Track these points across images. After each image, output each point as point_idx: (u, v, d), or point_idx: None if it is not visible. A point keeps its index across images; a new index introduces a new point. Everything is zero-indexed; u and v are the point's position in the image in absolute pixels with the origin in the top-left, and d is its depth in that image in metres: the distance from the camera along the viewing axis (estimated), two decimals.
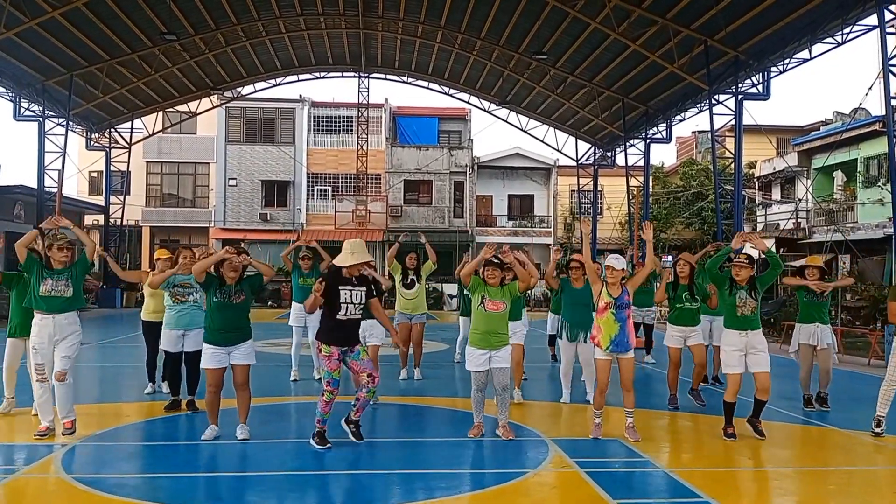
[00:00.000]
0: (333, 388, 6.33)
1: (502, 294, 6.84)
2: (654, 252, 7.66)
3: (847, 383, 10.73)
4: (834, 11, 16.56)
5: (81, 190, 34.68)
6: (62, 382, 6.58)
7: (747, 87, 20.35)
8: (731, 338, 7.03)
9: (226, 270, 6.61)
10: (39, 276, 6.64)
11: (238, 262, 6.61)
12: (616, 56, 22.46)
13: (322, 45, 27.17)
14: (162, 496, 5.13)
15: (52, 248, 6.74)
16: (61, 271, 6.70)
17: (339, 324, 6.36)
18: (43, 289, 6.61)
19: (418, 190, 36.19)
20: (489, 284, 6.83)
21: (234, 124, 35.73)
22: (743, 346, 6.95)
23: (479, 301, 6.79)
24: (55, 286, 6.63)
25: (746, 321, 6.97)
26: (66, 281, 6.69)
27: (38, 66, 22.55)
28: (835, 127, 27.53)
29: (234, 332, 6.59)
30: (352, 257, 6.43)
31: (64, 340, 6.63)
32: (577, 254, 9.32)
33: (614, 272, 6.96)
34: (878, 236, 23.05)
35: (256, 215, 35.41)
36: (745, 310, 6.97)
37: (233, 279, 6.63)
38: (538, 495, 5.41)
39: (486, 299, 6.77)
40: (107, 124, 29.12)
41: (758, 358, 6.93)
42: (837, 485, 5.70)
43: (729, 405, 7.01)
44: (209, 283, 6.57)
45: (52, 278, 6.65)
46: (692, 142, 40.45)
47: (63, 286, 6.67)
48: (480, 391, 6.91)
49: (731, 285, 7.10)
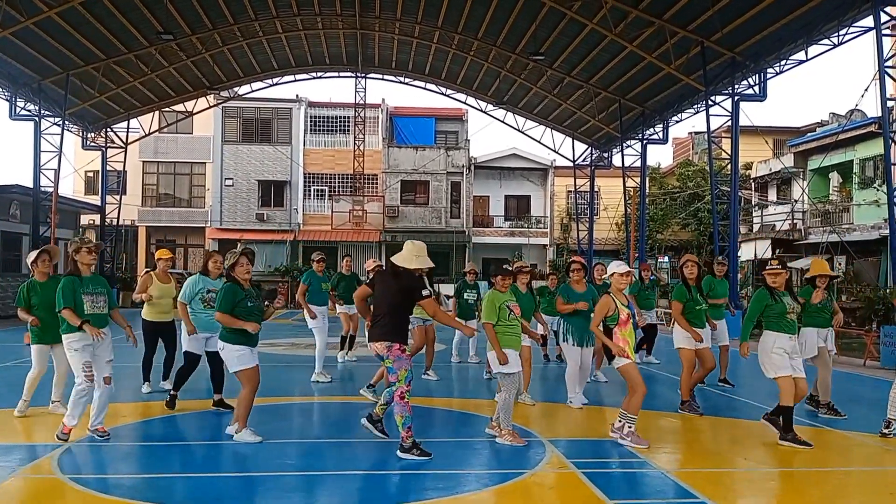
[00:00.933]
0: (409, 387, 6.21)
1: (512, 297, 7.02)
2: (650, 252, 7.68)
3: (843, 384, 10.75)
4: (830, 13, 16.60)
5: (77, 190, 34.64)
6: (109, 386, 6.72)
7: (744, 88, 20.40)
8: (782, 341, 6.94)
9: (239, 274, 6.63)
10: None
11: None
12: (613, 57, 22.49)
13: (319, 44, 27.15)
14: (159, 496, 5.11)
15: (80, 252, 6.62)
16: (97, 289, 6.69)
17: (407, 323, 6.43)
18: (87, 307, 6.55)
19: (415, 190, 36.20)
20: (503, 292, 6.92)
21: (231, 124, 35.70)
22: (791, 349, 6.96)
23: (508, 311, 6.81)
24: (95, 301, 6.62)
25: (793, 326, 7.00)
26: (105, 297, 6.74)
27: (34, 66, 22.49)
28: (831, 128, 27.61)
29: (258, 335, 6.71)
30: (416, 260, 6.30)
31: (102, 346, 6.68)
32: (578, 255, 9.33)
33: (623, 278, 6.93)
34: (874, 237, 23.12)
35: (253, 215, 35.38)
36: (794, 315, 7.01)
37: (247, 282, 6.69)
38: (536, 496, 5.41)
39: (511, 305, 6.86)
40: (103, 124, 29.04)
41: (796, 362, 6.97)
42: (835, 486, 5.72)
43: (788, 409, 6.82)
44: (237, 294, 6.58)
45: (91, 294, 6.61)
46: (689, 143, 40.53)
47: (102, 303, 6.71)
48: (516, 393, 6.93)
49: (773, 294, 7.06)
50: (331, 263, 16.35)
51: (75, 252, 6.61)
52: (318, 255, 10.66)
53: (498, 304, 6.81)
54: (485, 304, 6.89)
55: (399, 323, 6.25)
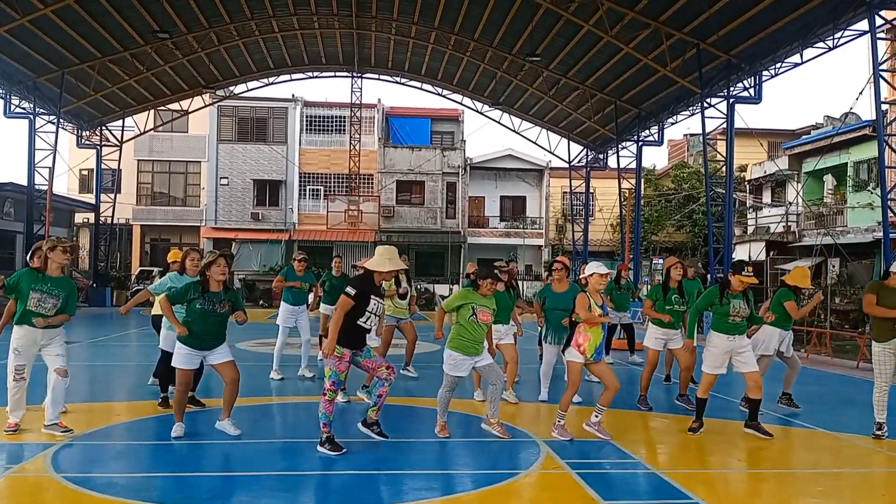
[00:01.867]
0: (337, 389, 6.33)
1: (490, 303, 6.91)
2: (645, 253, 7.73)
3: (836, 386, 10.81)
4: (825, 16, 16.66)
5: (72, 188, 34.54)
6: (64, 378, 6.65)
7: (739, 90, 20.45)
8: (720, 341, 7.18)
9: (214, 274, 6.58)
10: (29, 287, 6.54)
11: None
12: (609, 59, 22.54)
13: (315, 44, 27.14)
14: (152, 495, 5.10)
15: (54, 250, 6.59)
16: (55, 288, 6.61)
17: (358, 329, 6.32)
18: (31, 303, 6.50)
19: (410, 190, 36.21)
20: (484, 295, 6.87)
21: (226, 123, 35.65)
22: (730, 349, 7.14)
23: (471, 312, 6.79)
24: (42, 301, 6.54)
25: (736, 327, 7.15)
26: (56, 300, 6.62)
27: (29, 63, 22.43)
28: (825, 131, 27.70)
29: (212, 339, 6.62)
30: (389, 263, 6.39)
31: (52, 343, 6.65)
32: (561, 256, 9.39)
33: (603, 279, 7.07)
34: (868, 240, 23.20)
35: (248, 214, 35.34)
36: (737, 318, 7.13)
37: (219, 285, 6.62)
38: (529, 496, 5.43)
39: (477, 309, 6.78)
40: (98, 122, 28.97)
41: (744, 357, 7.14)
42: (826, 487, 5.74)
43: (702, 401, 7.28)
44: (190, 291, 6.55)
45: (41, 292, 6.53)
46: (684, 144, 40.61)
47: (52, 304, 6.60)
48: (451, 391, 6.96)
49: (722, 294, 7.22)
50: (326, 263, 16.30)
51: (50, 249, 6.61)
52: (300, 254, 10.62)
53: (465, 302, 6.81)
54: (453, 294, 6.92)
55: (343, 326, 6.25)
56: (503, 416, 7.24)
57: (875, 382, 7.23)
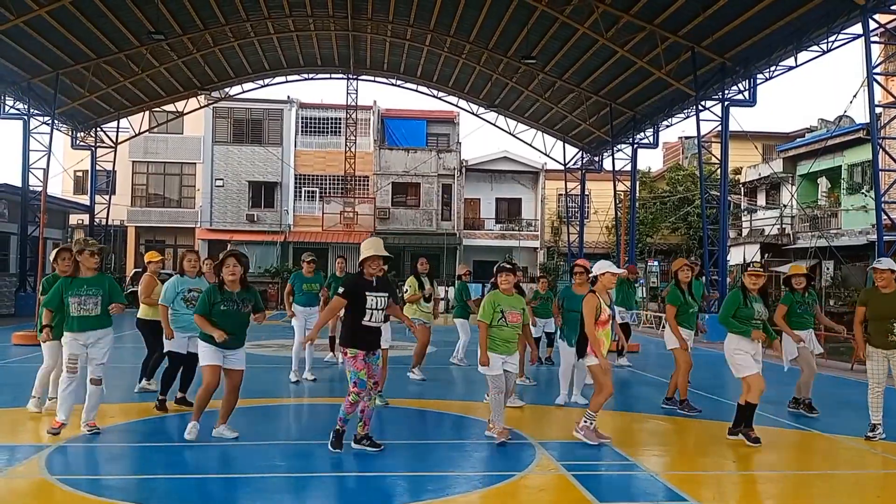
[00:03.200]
0: (360, 390, 6.17)
1: (517, 303, 6.90)
2: (640, 256, 7.73)
3: (831, 388, 10.84)
4: (819, 20, 16.73)
5: (66, 189, 34.45)
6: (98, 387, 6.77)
7: (734, 93, 20.51)
8: (744, 344, 7.09)
9: (225, 275, 6.60)
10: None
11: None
12: (604, 61, 22.59)
13: (311, 46, 27.13)
14: (147, 498, 5.09)
15: (83, 254, 6.68)
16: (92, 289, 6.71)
17: (367, 329, 6.26)
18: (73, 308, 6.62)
19: (406, 192, 36.21)
20: (505, 293, 6.85)
21: (222, 124, 35.58)
22: (753, 350, 7.09)
23: (500, 315, 6.75)
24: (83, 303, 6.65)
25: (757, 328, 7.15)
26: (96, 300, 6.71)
27: (23, 64, 22.37)
28: (819, 134, 27.81)
29: (234, 339, 6.61)
30: (371, 250, 6.40)
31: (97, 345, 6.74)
32: (581, 259, 9.38)
33: (615, 277, 7.03)
34: (862, 242, 23.30)
35: (243, 216, 35.28)
36: (759, 322, 7.16)
37: (235, 284, 6.63)
38: (525, 498, 5.42)
39: (506, 312, 6.77)
40: (93, 123, 28.91)
41: (758, 361, 7.12)
42: (822, 489, 5.76)
43: (753, 407, 7.01)
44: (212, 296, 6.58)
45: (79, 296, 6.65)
46: (678, 147, 40.71)
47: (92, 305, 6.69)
48: (502, 392, 6.83)
49: (745, 298, 7.20)
50: (321, 265, 16.29)
51: (78, 253, 6.72)
52: (308, 255, 10.69)
53: (496, 307, 6.79)
54: (485, 303, 6.90)
55: (350, 329, 6.26)
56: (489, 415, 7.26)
57: (868, 384, 7.28)
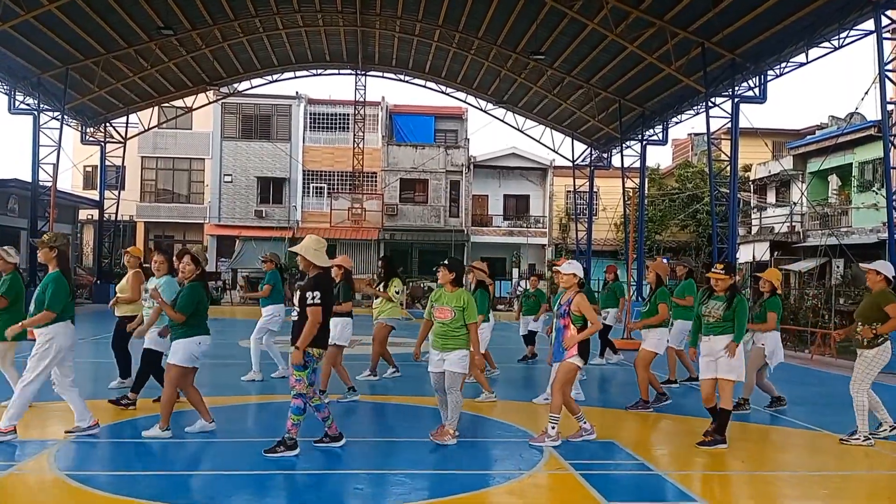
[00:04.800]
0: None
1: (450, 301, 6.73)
2: (649, 255, 7.68)
3: (840, 387, 10.75)
4: (831, 16, 16.59)
5: (76, 184, 34.60)
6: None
7: (744, 90, 20.38)
8: (701, 346, 7.04)
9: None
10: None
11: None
12: (613, 57, 22.48)
13: (319, 42, 27.11)
14: (154, 493, 5.09)
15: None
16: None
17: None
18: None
19: (414, 189, 36.17)
20: (447, 289, 6.78)
21: (230, 120, 35.65)
22: (707, 351, 6.95)
23: (430, 308, 6.82)
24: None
25: (708, 328, 6.96)
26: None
27: (33, 60, 22.44)
28: (830, 131, 27.60)
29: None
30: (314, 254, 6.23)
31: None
32: (563, 258, 9.42)
33: (561, 276, 6.97)
34: (872, 241, 23.12)
35: (251, 212, 35.35)
36: (712, 318, 6.94)
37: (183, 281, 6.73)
38: (533, 497, 5.40)
39: (436, 307, 6.76)
40: (102, 119, 28.99)
41: (721, 362, 6.87)
42: (832, 489, 5.71)
43: (709, 410, 6.97)
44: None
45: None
46: (688, 144, 40.52)
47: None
48: (439, 392, 6.78)
49: (706, 295, 7.13)
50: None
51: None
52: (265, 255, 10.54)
53: (431, 302, 6.89)
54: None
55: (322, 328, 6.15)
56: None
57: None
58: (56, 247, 6.51)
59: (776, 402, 8.62)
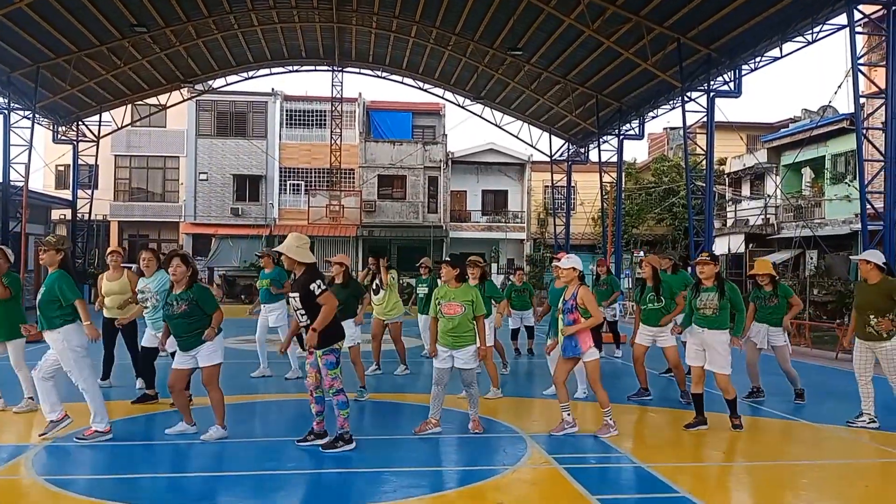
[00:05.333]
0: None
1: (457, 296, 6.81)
2: (626, 247, 7.74)
3: (816, 377, 10.92)
4: (804, 10, 16.79)
5: (48, 184, 34.05)
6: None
7: (719, 84, 20.56)
8: (693, 334, 7.24)
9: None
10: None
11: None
12: (590, 53, 22.56)
13: (295, 38, 26.91)
14: (136, 497, 5.04)
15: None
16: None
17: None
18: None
19: (392, 185, 36.10)
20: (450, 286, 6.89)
21: (205, 118, 35.29)
22: (701, 342, 7.13)
23: (438, 307, 6.85)
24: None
25: (704, 320, 7.11)
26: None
27: (3, 58, 22.01)
28: (803, 124, 27.97)
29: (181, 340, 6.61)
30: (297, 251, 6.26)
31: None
32: (562, 252, 9.44)
33: (561, 271, 7.06)
34: (845, 232, 23.49)
35: (228, 210, 35.05)
36: (707, 310, 7.09)
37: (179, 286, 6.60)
38: (517, 492, 5.41)
39: (443, 304, 6.82)
40: (74, 117, 28.54)
41: (709, 354, 7.09)
42: (811, 478, 5.79)
43: (694, 396, 7.23)
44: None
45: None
46: (664, 138, 40.83)
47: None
48: (438, 385, 6.89)
49: (696, 288, 7.32)
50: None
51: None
52: (264, 251, 10.60)
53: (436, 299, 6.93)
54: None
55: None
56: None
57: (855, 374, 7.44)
58: (63, 250, 6.65)
59: (755, 394, 8.76)
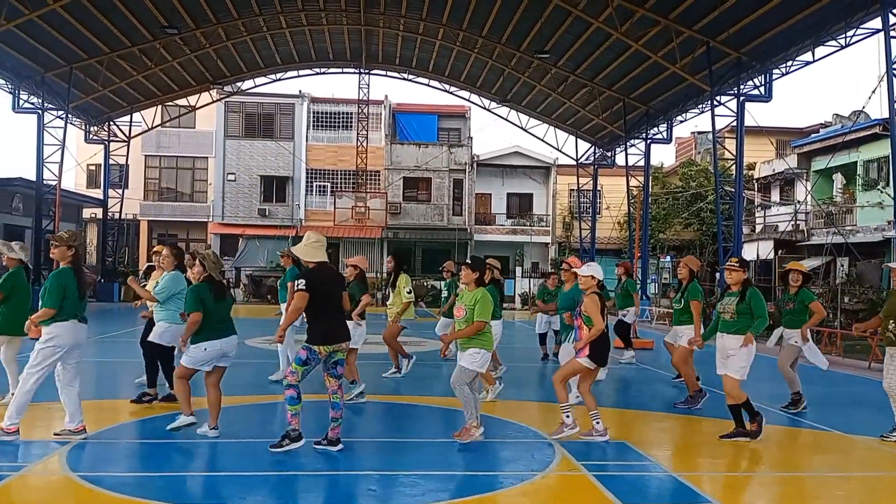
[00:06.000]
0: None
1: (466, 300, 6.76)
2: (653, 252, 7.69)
3: (849, 387, 10.74)
4: (838, 14, 16.54)
5: (79, 183, 34.59)
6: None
7: (749, 88, 20.34)
8: (718, 340, 7.16)
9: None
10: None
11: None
12: (618, 56, 22.43)
13: (323, 40, 27.09)
14: (165, 494, 5.07)
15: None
16: None
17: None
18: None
19: (417, 187, 36.15)
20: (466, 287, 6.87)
21: (233, 119, 35.63)
22: (720, 347, 7.08)
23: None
24: None
25: (725, 324, 7.07)
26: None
27: (37, 59, 22.43)
28: (834, 129, 27.54)
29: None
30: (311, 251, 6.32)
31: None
32: (571, 257, 9.48)
33: (580, 279, 7.04)
34: (877, 239, 23.10)
35: (255, 210, 35.34)
36: (727, 315, 7.04)
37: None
38: (546, 498, 5.38)
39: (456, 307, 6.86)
40: (106, 117, 29.00)
41: (728, 360, 6.97)
42: (846, 490, 5.67)
43: (733, 407, 7.01)
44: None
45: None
46: (691, 142, 40.46)
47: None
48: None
49: (723, 292, 7.31)
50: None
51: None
52: (283, 251, 10.56)
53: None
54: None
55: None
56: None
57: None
58: (74, 246, 6.47)
59: (794, 404, 8.53)
